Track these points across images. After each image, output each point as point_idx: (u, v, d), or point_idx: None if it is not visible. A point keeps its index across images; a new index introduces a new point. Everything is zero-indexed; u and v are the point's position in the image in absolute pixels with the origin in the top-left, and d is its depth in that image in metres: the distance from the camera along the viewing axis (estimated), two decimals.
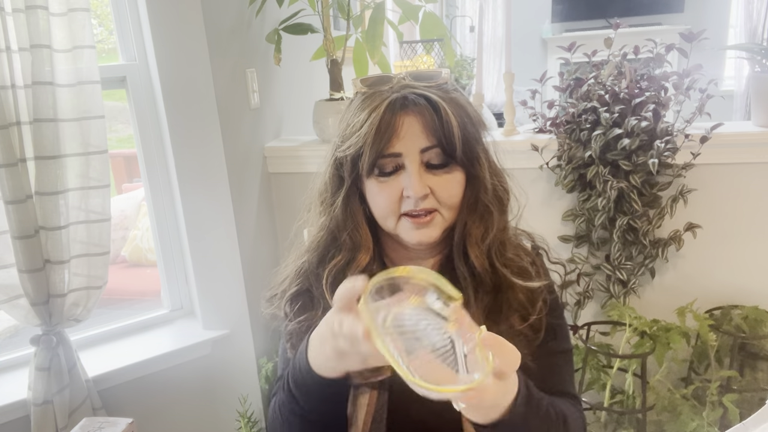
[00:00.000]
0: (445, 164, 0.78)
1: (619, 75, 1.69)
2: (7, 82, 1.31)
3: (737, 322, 1.67)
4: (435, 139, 0.76)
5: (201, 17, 1.62)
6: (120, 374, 1.64)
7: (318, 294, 0.85)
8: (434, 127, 0.76)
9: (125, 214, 3.14)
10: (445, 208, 0.80)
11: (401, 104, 0.76)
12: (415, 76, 0.79)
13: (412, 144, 0.76)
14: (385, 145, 0.76)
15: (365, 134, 0.76)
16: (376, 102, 0.77)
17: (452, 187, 0.79)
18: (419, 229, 0.79)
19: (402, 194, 0.78)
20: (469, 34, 5.55)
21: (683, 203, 1.65)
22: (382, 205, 0.80)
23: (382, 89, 0.79)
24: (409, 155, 0.77)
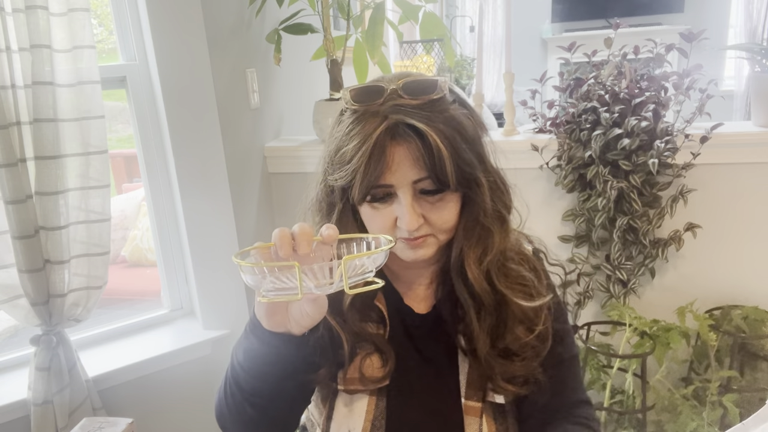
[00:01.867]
0: (439, 191, 0.75)
1: (619, 75, 1.69)
2: (7, 82, 1.31)
3: (737, 322, 1.67)
4: (426, 171, 0.73)
5: (201, 17, 1.62)
6: (120, 374, 1.64)
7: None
8: (426, 160, 0.72)
9: (125, 214, 3.14)
10: (439, 232, 0.78)
11: (392, 135, 0.72)
12: (408, 90, 0.74)
13: (403, 176, 0.73)
14: (377, 178, 0.73)
15: (356, 168, 0.73)
16: (367, 129, 0.73)
17: (446, 214, 0.77)
18: (413, 249, 0.78)
19: (395, 222, 0.77)
20: (469, 34, 5.55)
21: (683, 203, 1.65)
22: (376, 230, 0.78)
23: (373, 105, 0.74)
24: (401, 187, 0.74)
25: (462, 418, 0.83)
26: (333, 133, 0.79)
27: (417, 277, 0.89)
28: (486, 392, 0.84)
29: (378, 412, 0.83)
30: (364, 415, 0.83)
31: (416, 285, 0.89)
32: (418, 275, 0.89)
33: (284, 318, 0.68)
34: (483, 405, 0.84)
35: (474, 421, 0.83)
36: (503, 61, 3.81)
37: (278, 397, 0.75)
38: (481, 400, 0.84)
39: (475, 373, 0.84)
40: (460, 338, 0.85)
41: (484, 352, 0.82)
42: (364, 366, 0.83)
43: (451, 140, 0.73)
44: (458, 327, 0.85)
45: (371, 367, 0.83)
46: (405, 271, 0.88)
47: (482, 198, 0.78)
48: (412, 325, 0.88)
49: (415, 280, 0.89)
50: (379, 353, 0.84)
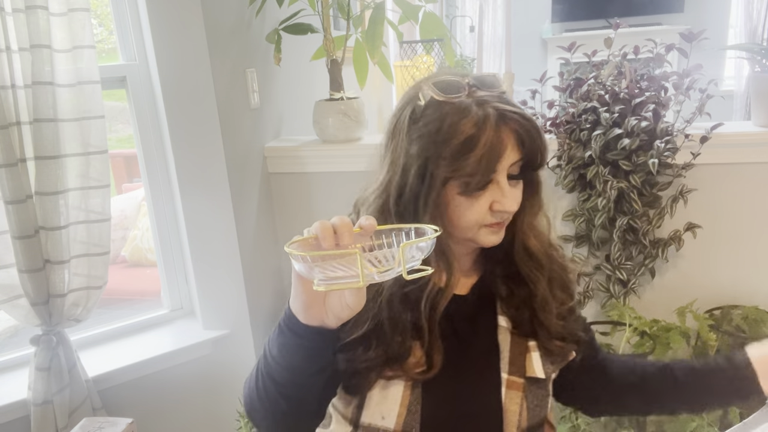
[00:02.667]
0: (520, 175, 0.82)
1: (619, 75, 1.69)
2: (7, 82, 1.31)
3: (737, 322, 1.67)
4: (523, 152, 0.79)
5: (201, 17, 1.62)
6: (120, 374, 1.64)
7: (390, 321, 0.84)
8: (526, 142, 0.78)
9: (125, 214, 3.14)
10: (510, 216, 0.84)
11: (499, 123, 0.77)
12: (482, 83, 0.79)
13: (507, 160, 0.78)
14: (494, 168, 0.77)
15: (477, 159, 0.76)
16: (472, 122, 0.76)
17: (519, 197, 0.83)
18: (497, 233, 0.83)
19: (491, 207, 0.80)
20: (469, 34, 5.55)
21: (683, 203, 1.65)
22: (471, 219, 0.81)
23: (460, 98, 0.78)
24: (501, 171, 0.79)
25: (500, 396, 0.85)
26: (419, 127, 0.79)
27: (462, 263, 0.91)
28: (526, 368, 0.87)
29: (413, 397, 0.83)
30: (399, 401, 0.83)
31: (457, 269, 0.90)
32: (460, 261, 0.90)
33: (321, 311, 0.69)
34: (525, 381, 0.86)
35: (516, 395, 0.85)
36: (503, 61, 3.81)
37: (311, 389, 0.77)
38: (523, 376, 0.86)
39: (517, 350, 0.88)
40: (503, 317, 0.89)
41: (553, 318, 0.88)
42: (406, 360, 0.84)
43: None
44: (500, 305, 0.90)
45: (414, 361, 0.84)
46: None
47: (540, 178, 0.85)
48: (454, 308, 0.88)
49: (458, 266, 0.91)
50: (421, 342, 0.84)
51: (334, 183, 1.94)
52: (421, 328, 0.83)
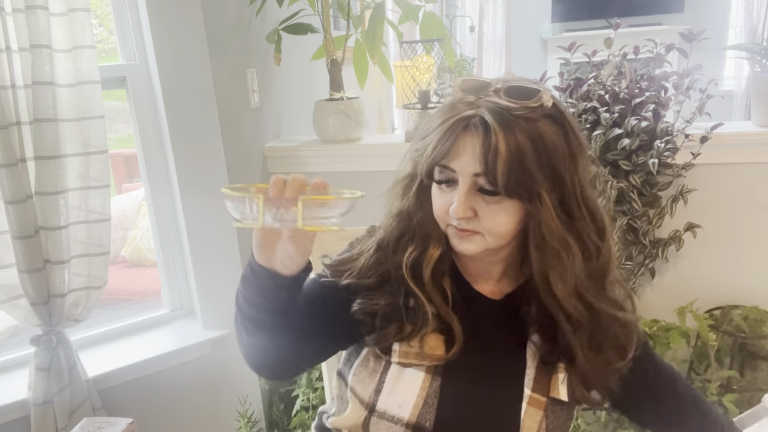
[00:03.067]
0: (493, 192, 0.76)
1: (619, 75, 1.69)
2: (7, 82, 1.31)
3: (737, 322, 1.67)
4: (484, 169, 0.74)
5: (201, 17, 1.62)
6: (120, 374, 1.64)
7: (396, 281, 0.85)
8: (486, 159, 0.74)
9: (125, 214, 3.14)
10: (489, 235, 0.78)
11: (465, 125, 0.75)
12: (508, 91, 0.76)
13: (466, 165, 0.75)
14: (442, 157, 0.76)
15: (429, 143, 0.78)
16: (453, 113, 0.77)
17: (498, 218, 0.77)
18: (459, 239, 0.80)
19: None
20: (469, 34, 5.54)
21: (683, 203, 1.65)
22: (437, 211, 0.81)
23: (473, 96, 0.78)
24: (462, 175, 0.76)
25: (519, 409, 0.84)
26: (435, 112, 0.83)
27: (485, 271, 0.89)
28: (551, 387, 0.85)
29: (432, 390, 0.83)
30: (417, 391, 0.83)
31: (483, 278, 0.89)
32: (485, 269, 0.88)
33: (270, 253, 0.76)
34: (548, 400, 0.85)
35: (536, 413, 0.84)
36: (503, 61, 3.81)
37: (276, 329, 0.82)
38: (546, 395, 0.85)
39: (543, 369, 0.85)
40: (534, 337, 0.86)
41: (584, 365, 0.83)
42: (425, 341, 0.84)
43: (518, 146, 0.73)
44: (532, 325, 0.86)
45: (432, 344, 0.84)
46: (472, 262, 0.88)
47: (545, 215, 0.76)
48: (482, 309, 0.88)
49: (483, 274, 0.89)
50: (443, 332, 0.84)
51: (334, 183, 1.92)
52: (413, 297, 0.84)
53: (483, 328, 0.87)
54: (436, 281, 0.84)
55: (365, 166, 1.91)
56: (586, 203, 0.81)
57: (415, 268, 0.84)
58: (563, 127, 0.77)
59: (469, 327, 0.85)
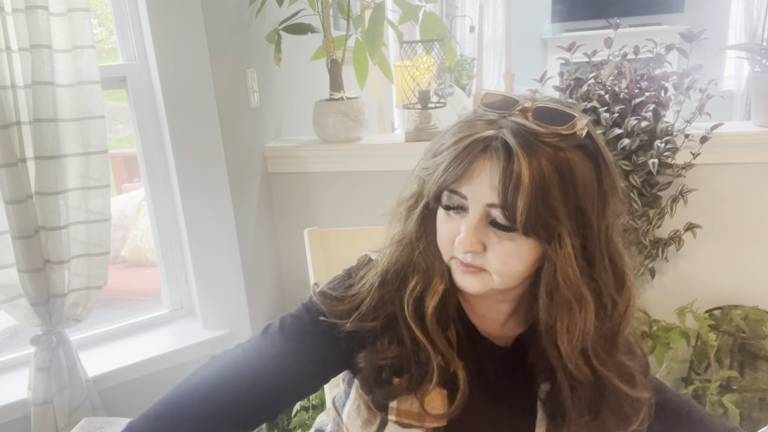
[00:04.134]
0: (509, 228, 0.66)
1: (619, 75, 1.69)
2: (7, 82, 1.31)
3: (737, 322, 1.67)
4: (502, 200, 0.64)
5: (201, 17, 1.62)
6: (120, 374, 1.64)
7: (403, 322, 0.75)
8: (504, 185, 0.64)
9: (125, 214, 3.14)
10: (497, 274, 0.69)
11: (483, 146, 0.65)
12: (537, 113, 0.66)
13: (480, 194, 0.65)
14: (453, 182, 0.67)
15: (440, 163, 0.68)
16: (470, 131, 0.67)
17: (509, 256, 0.67)
18: (463, 275, 0.71)
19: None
20: (469, 34, 5.55)
21: (683, 203, 1.65)
22: (441, 239, 0.72)
23: (496, 114, 0.68)
24: (474, 203, 0.66)
25: None
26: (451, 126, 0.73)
27: (491, 311, 0.79)
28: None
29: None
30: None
31: (489, 318, 0.80)
32: (492, 308, 0.79)
33: None
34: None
35: None
36: (503, 61, 3.81)
37: None
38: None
39: (553, 424, 0.77)
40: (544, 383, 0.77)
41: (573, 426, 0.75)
42: (426, 399, 0.74)
43: (543, 178, 0.63)
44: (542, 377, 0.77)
45: (434, 402, 0.75)
46: (478, 300, 0.78)
47: (563, 261, 0.66)
48: (488, 354, 0.79)
49: (489, 314, 0.79)
50: (446, 385, 0.75)
51: (334, 183, 1.95)
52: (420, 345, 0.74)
53: (489, 377, 0.78)
54: (440, 322, 0.74)
55: (365, 166, 1.91)
56: (610, 253, 0.71)
57: (417, 307, 0.74)
58: (596, 162, 0.67)
59: (474, 375, 0.76)
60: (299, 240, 1.30)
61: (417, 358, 0.74)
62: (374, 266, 0.79)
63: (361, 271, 0.80)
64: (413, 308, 0.74)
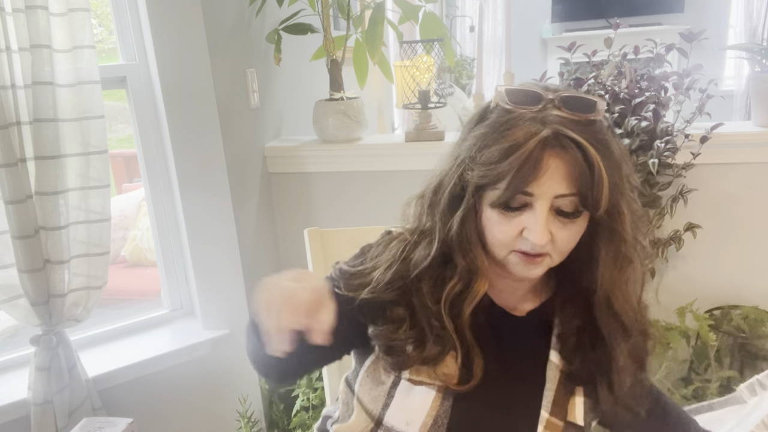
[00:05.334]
0: (575, 214, 0.72)
1: (619, 75, 1.69)
2: (7, 82, 1.31)
3: (737, 322, 1.67)
4: (575, 188, 0.70)
5: (201, 17, 1.62)
6: (120, 374, 1.64)
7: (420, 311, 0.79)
8: (579, 178, 0.69)
9: (125, 214, 3.14)
10: (557, 254, 0.75)
11: (550, 145, 0.69)
12: (567, 103, 0.71)
13: (549, 188, 0.70)
14: (526, 185, 0.70)
15: (505, 170, 0.69)
16: (521, 132, 0.70)
17: (573, 237, 0.74)
18: (527, 266, 0.75)
19: (521, 233, 0.73)
20: (469, 34, 5.55)
21: (683, 203, 1.65)
22: (499, 238, 0.75)
23: (528, 110, 0.72)
24: (541, 198, 0.70)
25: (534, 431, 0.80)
26: (475, 129, 0.76)
27: (512, 288, 0.85)
28: (568, 411, 0.81)
29: (442, 410, 0.80)
30: (427, 410, 0.80)
31: (507, 293, 0.85)
32: (515, 286, 0.85)
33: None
34: (564, 424, 0.81)
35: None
36: (503, 61, 3.81)
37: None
38: (564, 420, 0.81)
39: (562, 391, 0.82)
40: (557, 356, 0.83)
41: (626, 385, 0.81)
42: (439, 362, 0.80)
43: (607, 162, 0.70)
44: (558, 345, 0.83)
45: (447, 365, 0.79)
46: (501, 280, 0.83)
47: (623, 228, 0.75)
48: (502, 325, 0.84)
49: (508, 290, 0.85)
50: (458, 351, 0.79)
51: (334, 183, 1.94)
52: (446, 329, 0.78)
53: (501, 346, 0.83)
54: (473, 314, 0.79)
55: (365, 166, 1.91)
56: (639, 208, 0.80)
57: (453, 306, 0.78)
58: (614, 134, 0.75)
59: (489, 344, 0.81)
60: (299, 240, 1.30)
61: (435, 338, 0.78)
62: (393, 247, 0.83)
63: (379, 248, 0.85)
64: (450, 307, 0.78)
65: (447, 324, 0.78)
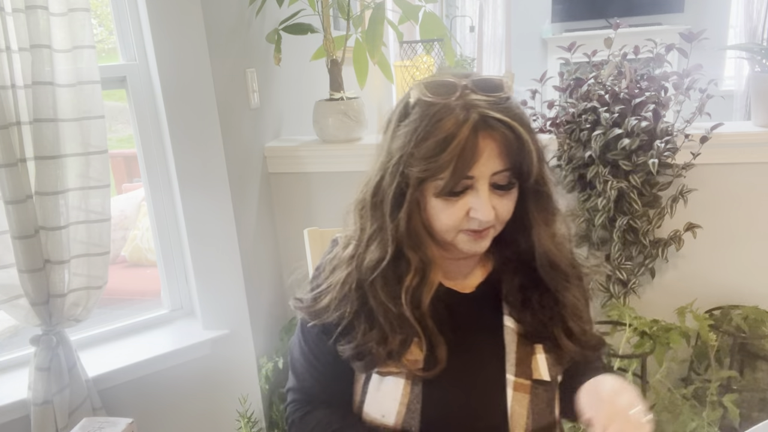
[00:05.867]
0: (509, 186, 0.78)
1: (619, 75, 1.69)
2: (7, 82, 1.31)
3: (737, 322, 1.67)
4: (509, 163, 0.76)
5: (201, 17, 1.62)
6: (120, 374, 1.64)
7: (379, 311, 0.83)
8: (510, 153, 0.75)
9: (125, 214, 3.14)
10: (499, 224, 0.81)
11: (482, 128, 0.74)
12: (481, 86, 0.76)
13: (486, 168, 0.75)
14: (466, 171, 0.75)
15: (445, 161, 0.74)
16: (451, 122, 0.74)
17: (511, 206, 0.81)
18: (476, 242, 0.81)
19: (467, 213, 0.78)
20: (469, 34, 5.54)
21: (683, 203, 1.65)
22: (447, 223, 0.79)
23: (448, 100, 0.75)
24: (481, 179, 0.76)
25: (505, 397, 0.84)
26: (402, 126, 0.79)
27: (459, 267, 0.90)
28: (533, 370, 0.86)
29: (413, 396, 0.83)
30: (399, 398, 0.83)
31: (456, 273, 0.90)
32: (461, 265, 0.90)
33: None
34: (531, 383, 0.85)
35: (523, 398, 0.84)
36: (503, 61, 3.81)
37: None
38: (530, 378, 0.85)
39: (523, 351, 0.86)
40: (511, 319, 0.88)
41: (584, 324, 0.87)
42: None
43: (531, 134, 0.76)
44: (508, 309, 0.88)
45: (412, 351, 0.83)
46: (447, 262, 0.88)
47: (548, 188, 0.82)
48: (455, 305, 0.88)
49: (455, 270, 0.90)
50: (420, 338, 0.83)
51: (334, 183, 1.94)
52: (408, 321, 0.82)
53: (460, 325, 0.87)
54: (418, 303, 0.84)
55: (365, 166, 1.90)
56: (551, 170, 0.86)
57: (413, 297, 0.83)
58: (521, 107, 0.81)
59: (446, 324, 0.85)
60: (299, 240, 1.30)
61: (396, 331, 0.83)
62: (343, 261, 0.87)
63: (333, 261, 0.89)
64: (410, 300, 0.82)
65: (409, 315, 0.82)
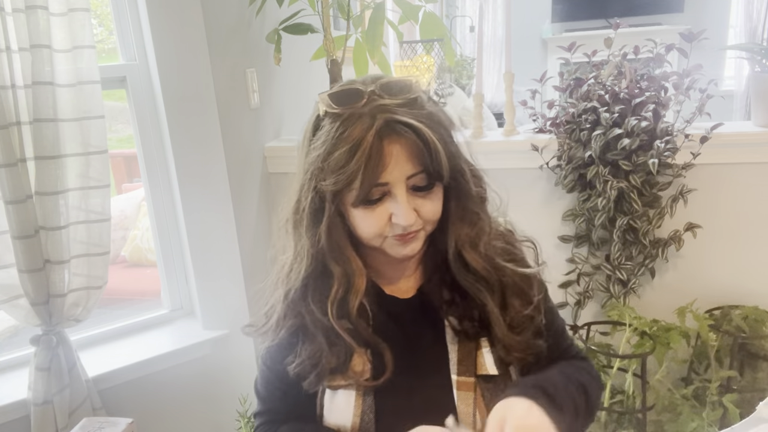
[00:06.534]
0: (429, 186, 0.78)
1: (619, 75, 1.69)
2: (7, 82, 1.31)
3: (737, 322, 1.67)
4: (421, 165, 0.76)
5: (201, 17, 1.62)
6: (120, 374, 1.64)
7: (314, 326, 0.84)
8: (420, 155, 0.75)
9: (125, 214, 3.14)
10: (428, 224, 0.81)
11: (386, 133, 0.73)
12: (387, 90, 0.76)
13: (399, 172, 0.75)
14: (377, 177, 0.74)
15: (354, 170, 0.73)
16: (357, 130, 0.73)
17: (436, 205, 0.80)
18: (404, 245, 0.81)
19: (389, 219, 0.78)
20: (469, 34, 5.55)
21: (683, 203, 1.65)
22: (370, 231, 0.79)
23: (355, 108, 0.75)
24: (396, 183, 0.76)
25: (453, 397, 0.84)
26: (314, 140, 0.79)
27: (398, 271, 0.90)
28: (477, 366, 0.85)
29: (366, 407, 0.84)
30: (352, 410, 0.84)
31: (397, 278, 0.91)
32: (400, 268, 0.90)
33: None
34: (476, 379, 0.85)
35: (467, 396, 0.84)
36: (503, 61, 3.80)
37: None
38: (473, 375, 0.85)
39: (465, 350, 0.86)
40: (450, 319, 0.87)
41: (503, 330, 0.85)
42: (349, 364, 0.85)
43: (438, 134, 0.75)
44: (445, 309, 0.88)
45: (356, 363, 0.84)
46: (386, 266, 0.89)
47: (467, 186, 0.82)
48: (396, 311, 0.89)
49: (395, 274, 0.90)
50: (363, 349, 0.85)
51: None
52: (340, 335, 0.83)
53: (405, 331, 0.88)
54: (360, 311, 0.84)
55: None
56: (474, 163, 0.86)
57: (341, 308, 0.83)
58: (435, 103, 0.81)
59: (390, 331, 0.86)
60: None
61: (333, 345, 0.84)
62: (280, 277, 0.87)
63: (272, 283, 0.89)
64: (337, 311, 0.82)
65: (337, 327, 0.82)
